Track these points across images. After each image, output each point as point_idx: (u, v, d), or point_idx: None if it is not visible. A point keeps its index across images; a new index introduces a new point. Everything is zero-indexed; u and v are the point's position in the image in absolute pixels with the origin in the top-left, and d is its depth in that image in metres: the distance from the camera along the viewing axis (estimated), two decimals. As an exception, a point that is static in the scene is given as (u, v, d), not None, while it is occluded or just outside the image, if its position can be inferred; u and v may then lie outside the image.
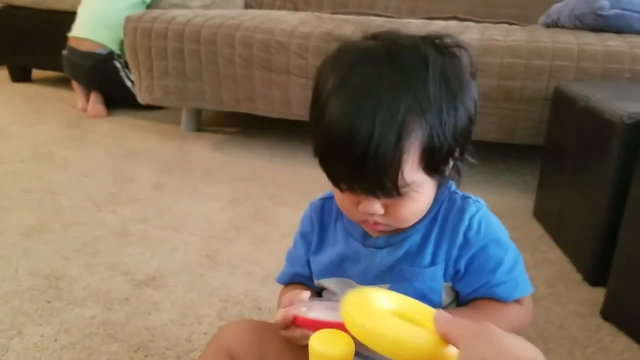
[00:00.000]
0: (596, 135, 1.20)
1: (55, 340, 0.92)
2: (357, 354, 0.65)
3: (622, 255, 1.05)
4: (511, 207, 1.57)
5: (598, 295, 1.11)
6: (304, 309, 0.64)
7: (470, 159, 0.68)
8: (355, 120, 0.58)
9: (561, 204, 1.36)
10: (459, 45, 0.64)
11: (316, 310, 0.63)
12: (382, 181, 0.60)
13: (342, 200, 0.68)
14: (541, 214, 1.48)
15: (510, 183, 1.77)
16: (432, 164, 0.61)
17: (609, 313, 1.06)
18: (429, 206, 0.68)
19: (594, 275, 1.18)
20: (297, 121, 1.84)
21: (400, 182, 0.60)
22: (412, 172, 0.60)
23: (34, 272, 1.14)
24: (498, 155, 1.98)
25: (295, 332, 0.65)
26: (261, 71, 1.82)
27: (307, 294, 0.67)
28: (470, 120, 0.63)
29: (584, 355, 0.96)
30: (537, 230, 1.43)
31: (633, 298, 1.02)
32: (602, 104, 1.19)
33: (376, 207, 0.64)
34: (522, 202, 1.58)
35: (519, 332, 0.71)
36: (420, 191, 0.63)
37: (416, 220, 0.69)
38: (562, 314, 1.08)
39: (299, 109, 1.80)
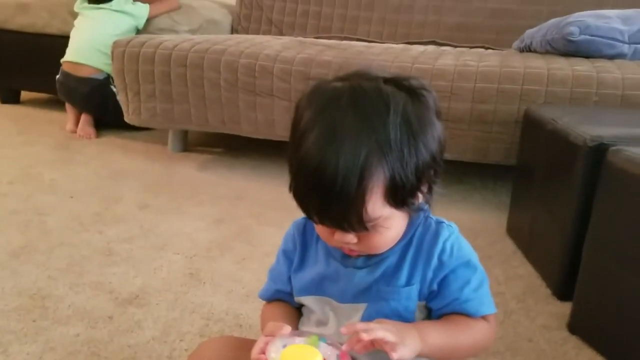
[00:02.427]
0: (562, 157, 1.26)
1: (40, 358, 0.96)
2: None
3: (586, 270, 1.11)
4: (486, 224, 1.62)
5: (566, 309, 1.16)
6: (274, 355, 0.66)
7: (440, 190, 0.73)
8: (321, 162, 0.63)
9: (531, 222, 1.41)
10: (424, 87, 0.69)
11: None
12: (348, 217, 0.65)
13: (319, 228, 0.73)
14: (513, 231, 1.54)
15: (486, 201, 1.83)
16: (398, 199, 0.66)
17: (574, 326, 1.11)
18: (400, 234, 0.73)
19: (562, 290, 1.23)
20: (281, 142, 1.89)
21: (365, 218, 0.65)
22: (377, 208, 0.65)
23: (21, 291, 1.17)
24: (475, 174, 2.04)
25: None
26: (246, 94, 1.88)
27: (287, 329, 0.70)
28: (434, 159, 0.68)
29: (550, 367, 1.00)
30: (509, 246, 1.49)
31: (597, 312, 1.08)
32: (567, 127, 1.25)
33: (349, 237, 0.69)
34: (497, 219, 1.64)
35: (483, 345, 0.77)
36: (388, 224, 0.68)
37: (389, 248, 0.74)
38: (530, 327, 1.12)
39: (282, 130, 1.86)
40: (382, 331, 0.65)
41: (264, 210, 1.66)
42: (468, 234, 0.77)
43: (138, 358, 0.97)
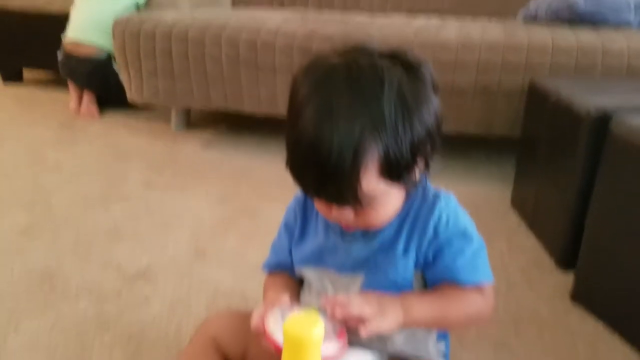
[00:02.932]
0: (566, 128, 1.25)
1: (50, 333, 0.97)
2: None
3: (589, 240, 1.11)
4: (490, 197, 1.62)
5: (569, 280, 1.17)
6: (273, 325, 0.67)
7: (439, 165, 0.73)
8: (317, 139, 0.63)
9: (536, 194, 1.41)
10: (420, 62, 0.68)
11: (282, 329, 0.67)
12: (344, 194, 0.66)
13: (317, 203, 0.73)
14: (518, 204, 1.54)
15: (491, 175, 1.82)
16: (393, 175, 0.66)
17: (577, 296, 1.12)
18: (397, 209, 0.74)
19: (566, 261, 1.24)
20: (284, 119, 1.88)
21: (360, 194, 0.65)
22: (372, 184, 0.66)
23: (29, 269, 1.18)
24: (480, 147, 2.03)
25: (263, 342, 0.68)
26: (248, 70, 1.87)
27: (286, 298, 0.72)
28: (430, 134, 0.67)
29: (553, 336, 1.01)
30: (513, 219, 1.49)
31: (599, 281, 1.08)
32: (571, 97, 1.24)
33: (346, 213, 0.70)
34: (501, 192, 1.64)
35: (477, 318, 0.77)
36: (384, 199, 0.69)
37: (387, 222, 0.74)
38: (534, 298, 1.13)
39: (285, 106, 1.84)
40: (357, 307, 0.66)
41: (267, 188, 1.66)
42: (472, 208, 0.77)
43: (147, 332, 0.99)
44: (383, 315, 0.67)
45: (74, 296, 1.09)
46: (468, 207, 0.77)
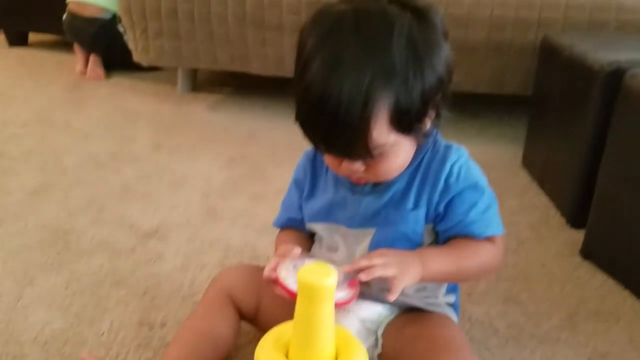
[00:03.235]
0: (579, 84, 1.23)
1: (66, 287, 0.99)
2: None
3: (600, 196, 1.11)
4: (501, 157, 1.61)
5: (579, 236, 1.17)
6: (284, 273, 0.69)
7: (448, 113, 0.72)
8: (325, 90, 0.62)
9: (547, 151, 1.41)
10: (430, 8, 0.67)
11: (294, 277, 0.68)
12: (353, 146, 0.65)
13: (327, 158, 0.73)
14: (529, 163, 1.53)
15: (502, 135, 1.81)
16: (404, 125, 0.66)
17: (587, 252, 1.13)
18: (408, 161, 0.73)
19: (576, 218, 1.24)
20: (291, 79, 1.87)
21: (370, 146, 0.65)
22: (382, 135, 0.65)
23: (43, 227, 1.20)
24: (491, 107, 2.01)
25: (276, 290, 0.70)
26: (254, 29, 1.84)
27: (298, 250, 0.73)
28: (441, 81, 0.66)
29: (562, 290, 1.02)
30: (524, 178, 1.48)
31: (610, 237, 1.09)
32: (584, 53, 1.22)
33: (356, 166, 0.69)
34: (512, 152, 1.63)
35: (489, 268, 0.78)
36: (395, 150, 0.68)
37: (397, 174, 0.74)
38: (543, 254, 1.14)
39: (292, 67, 1.83)
40: (381, 270, 0.66)
41: (276, 149, 1.66)
42: (483, 167, 0.77)
43: (161, 286, 1.00)
44: (404, 273, 0.67)
45: (87, 253, 1.10)
46: (479, 166, 0.76)
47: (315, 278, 0.58)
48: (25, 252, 1.10)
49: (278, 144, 1.70)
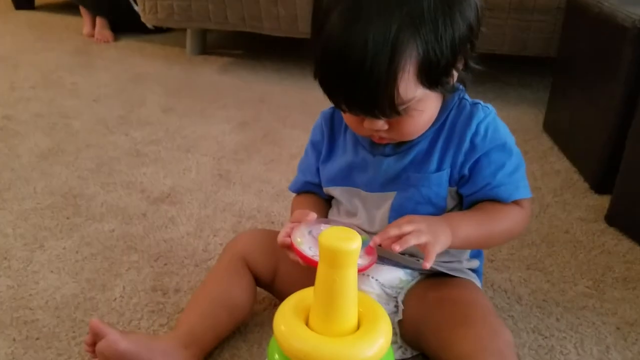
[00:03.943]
0: (608, 42, 1.17)
1: (77, 252, 0.97)
2: (380, 258, 0.68)
3: (629, 161, 1.06)
4: (522, 121, 1.56)
5: (603, 202, 1.13)
6: (300, 239, 0.66)
7: (476, 66, 0.68)
8: (348, 42, 0.58)
9: (571, 115, 1.35)
10: None
11: (309, 242, 0.66)
12: (379, 102, 0.60)
13: (347, 117, 0.69)
14: (551, 127, 1.48)
15: (523, 98, 1.75)
16: (432, 78, 0.61)
17: (613, 218, 1.08)
18: (434, 118, 0.69)
19: (601, 183, 1.19)
20: (304, 41, 1.81)
21: (397, 101, 0.60)
22: (410, 89, 0.60)
23: (52, 191, 1.17)
24: (511, 70, 1.94)
25: (291, 255, 0.67)
26: (266, -12, 1.78)
27: (313, 215, 0.69)
28: (471, 29, 0.62)
29: (587, 257, 0.98)
30: (546, 142, 1.44)
31: (637, 203, 1.04)
32: (615, 8, 1.16)
33: (379, 124, 0.65)
34: (533, 116, 1.58)
35: (517, 232, 0.75)
36: (421, 106, 0.64)
37: (422, 133, 0.69)
38: (567, 220, 1.10)
39: (305, 27, 1.75)
40: (414, 238, 0.63)
41: (288, 113, 1.62)
42: None
43: (174, 251, 0.98)
44: (436, 239, 0.64)
45: (98, 218, 1.08)
46: None
47: (339, 242, 0.55)
48: (35, 217, 1.07)
49: (290, 107, 1.65)
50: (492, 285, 0.90)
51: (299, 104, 1.65)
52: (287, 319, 0.60)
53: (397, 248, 0.62)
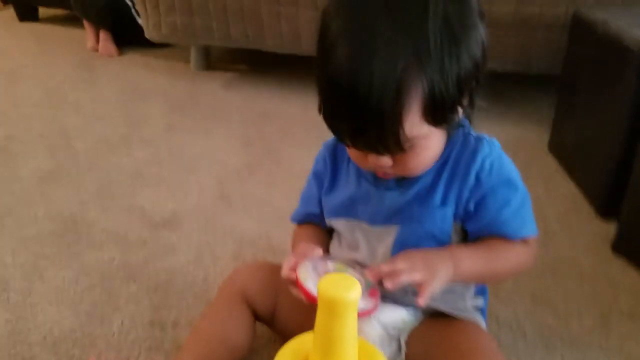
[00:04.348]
0: (614, 63, 1.16)
1: (77, 283, 0.96)
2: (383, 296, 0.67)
3: (636, 186, 1.04)
4: (526, 140, 1.54)
5: (609, 228, 1.12)
6: (304, 275, 0.65)
7: (481, 103, 0.67)
8: (353, 78, 0.57)
9: (576, 136, 1.34)
10: None
11: (314, 279, 0.65)
12: (384, 138, 0.59)
13: (352, 151, 0.68)
14: (556, 147, 1.46)
15: (526, 116, 1.73)
16: (437, 116, 0.60)
17: (619, 246, 1.07)
18: (439, 154, 0.68)
19: (607, 208, 1.18)
20: (307, 57, 1.80)
21: (402, 138, 0.59)
22: (415, 126, 0.59)
23: (53, 216, 1.17)
24: (515, 86, 1.93)
25: (294, 291, 0.66)
26: (269, 4, 1.77)
27: (319, 251, 0.69)
28: (477, 66, 0.61)
29: (593, 288, 0.97)
30: (551, 164, 1.42)
31: (644, 231, 1.02)
32: (620, 30, 1.14)
33: (384, 160, 0.64)
34: (538, 135, 1.56)
35: (522, 270, 0.73)
36: (426, 143, 0.63)
37: (427, 168, 0.68)
38: (572, 247, 1.08)
39: (308, 44, 1.76)
40: (407, 276, 0.62)
41: (291, 130, 1.61)
42: (507, 151, 0.72)
43: (174, 281, 0.97)
44: (434, 276, 0.63)
45: (98, 245, 1.07)
46: (503, 150, 0.71)
47: (338, 291, 0.54)
48: (35, 244, 1.07)
49: (293, 123, 1.64)
50: (497, 319, 0.89)
51: (301, 121, 1.64)
52: None
53: (389, 285, 0.61)
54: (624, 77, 1.11)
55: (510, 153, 0.72)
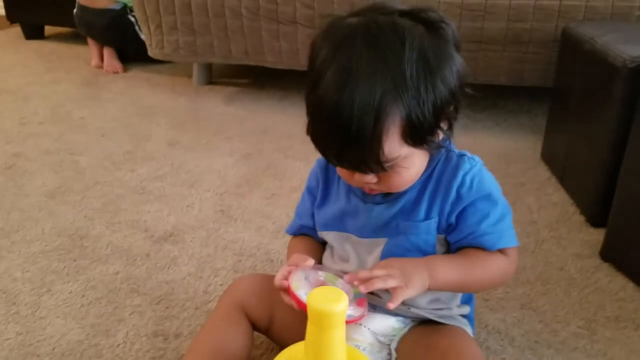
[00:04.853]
0: (601, 78, 1.19)
1: (83, 296, 1.00)
2: (372, 305, 0.71)
3: (621, 196, 1.08)
4: (520, 150, 1.57)
5: (599, 236, 1.14)
6: (296, 284, 0.69)
7: (464, 116, 0.71)
8: (337, 105, 0.62)
9: (567, 146, 1.37)
10: (442, 20, 0.66)
11: (305, 288, 0.69)
12: (366, 159, 0.64)
13: (339, 169, 0.72)
14: (548, 157, 1.49)
15: (521, 126, 1.77)
16: (416, 138, 0.65)
17: (607, 254, 1.10)
18: (420, 172, 0.72)
19: (597, 217, 1.21)
20: (306, 72, 1.84)
21: (383, 159, 0.64)
22: (394, 148, 0.64)
23: (60, 232, 1.21)
24: (509, 97, 1.97)
25: (286, 299, 0.70)
26: (268, 23, 1.82)
27: (311, 261, 0.73)
28: (453, 94, 0.65)
29: (580, 295, 1.00)
30: (543, 173, 1.45)
31: (631, 239, 1.06)
32: (606, 46, 1.18)
33: (368, 178, 0.69)
34: (531, 144, 1.59)
35: (501, 280, 0.77)
36: (407, 163, 0.68)
37: (410, 185, 0.73)
38: (562, 256, 1.11)
39: (307, 60, 1.80)
40: (381, 282, 0.66)
41: (291, 144, 1.65)
42: (501, 161, 0.75)
43: (176, 293, 1.01)
44: (408, 284, 0.67)
45: (103, 259, 1.11)
46: (496, 160, 0.75)
47: (326, 304, 0.58)
48: (43, 259, 1.11)
49: (294, 138, 1.69)
50: (487, 326, 0.92)
51: (300, 134, 1.65)
52: None
53: (362, 289, 0.66)
54: (610, 91, 1.14)
55: (504, 162, 0.76)
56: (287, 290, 0.70)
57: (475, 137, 1.57)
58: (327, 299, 0.58)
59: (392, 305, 0.66)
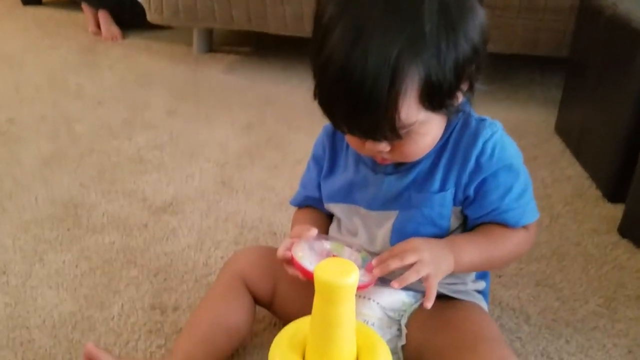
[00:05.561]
0: (622, 46, 1.13)
1: (76, 266, 0.96)
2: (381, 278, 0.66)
3: (644, 171, 1.02)
4: (533, 123, 1.52)
5: (617, 212, 1.10)
6: (301, 254, 0.65)
7: (483, 87, 0.65)
8: (347, 65, 0.56)
9: (583, 119, 1.32)
10: None
11: (310, 257, 0.65)
12: (380, 125, 0.59)
13: (349, 137, 0.67)
14: (563, 129, 1.44)
15: (533, 97, 1.71)
16: (434, 102, 0.59)
17: (626, 230, 1.05)
18: (437, 139, 0.67)
19: (614, 192, 1.16)
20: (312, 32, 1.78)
21: (398, 125, 0.58)
22: (411, 113, 0.59)
23: (53, 200, 1.16)
24: (522, 68, 1.90)
25: (290, 270, 0.66)
26: (272, -14, 1.75)
27: (314, 231, 0.68)
28: (476, 51, 0.59)
29: (599, 272, 0.96)
30: (557, 146, 1.40)
31: (652, 215, 1.01)
32: (629, 12, 1.12)
33: (381, 146, 0.63)
34: (544, 117, 1.53)
35: (520, 254, 0.74)
36: (424, 129, 0.62)
37: (425, 154, 0.67)
38: (578, 231, 1.07)
39: (312, 27, 1.73)
40: (414, 274, 0.62)
41: (294, 115, 1.59)
42: (513, 134, 0.70)
43: (174, 265, 0.97)
44: (438, 270, 0.64)
45: (99, 228, 1.07)
46: (509, 133, 0.70)
47: (335, 276, 0.53)
48: (35, 228, 1.06)
49: (296, 109, 1.62)
50: (500, 303, 0.88)
51: (304, 105, 1.61)
52: (282, 353, 0.58)
53: (396, 286, 0.61)
54: (632, 58, 1.08)
55: (516, 135, 0.71)
56: (290, 262, 0.65)
57: (486, 107, 1.50)
58: (336, 271, 0.53)
59: (428, 304, 0.63)
